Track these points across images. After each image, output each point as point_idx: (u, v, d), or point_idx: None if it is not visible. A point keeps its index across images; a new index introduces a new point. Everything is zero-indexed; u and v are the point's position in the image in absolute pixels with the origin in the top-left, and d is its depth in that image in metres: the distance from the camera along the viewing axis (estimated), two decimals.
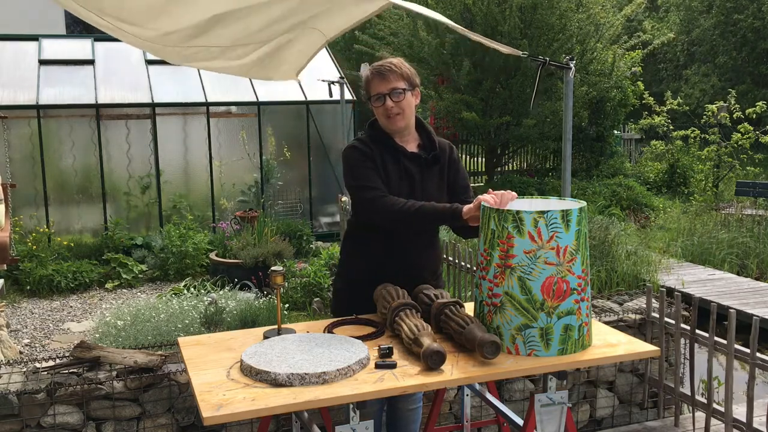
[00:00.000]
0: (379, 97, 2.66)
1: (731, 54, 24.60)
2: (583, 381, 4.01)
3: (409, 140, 2.78)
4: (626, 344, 2.37)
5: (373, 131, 2.77)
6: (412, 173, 2.72)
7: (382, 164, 2.70)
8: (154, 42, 3.36)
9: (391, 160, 2.71)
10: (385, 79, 2.64)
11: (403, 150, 2.73)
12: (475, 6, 11.87)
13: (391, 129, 2.72)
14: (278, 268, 2.52)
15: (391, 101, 2.65)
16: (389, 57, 2.75)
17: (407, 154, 2.73)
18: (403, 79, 2.66)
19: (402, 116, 2.69)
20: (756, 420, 3.48)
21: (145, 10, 2.88)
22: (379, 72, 2.65)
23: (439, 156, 2.77)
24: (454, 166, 2.83)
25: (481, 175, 15.23)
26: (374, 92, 2.67)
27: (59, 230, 8.53)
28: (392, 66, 2.66)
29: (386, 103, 2.65)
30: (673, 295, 4.06)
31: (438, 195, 2.76)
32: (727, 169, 13.31)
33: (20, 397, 3.10)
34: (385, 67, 2.65)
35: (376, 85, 2.66)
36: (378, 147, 2.72)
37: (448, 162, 2.82)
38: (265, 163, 9.35)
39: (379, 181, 2.65)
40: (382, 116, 2.71)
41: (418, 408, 3.04)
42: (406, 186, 2.71)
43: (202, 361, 2.24)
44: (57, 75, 9.11)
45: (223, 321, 5.08)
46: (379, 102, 2.67)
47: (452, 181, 2.82)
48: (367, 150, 2.71)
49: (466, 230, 2.66)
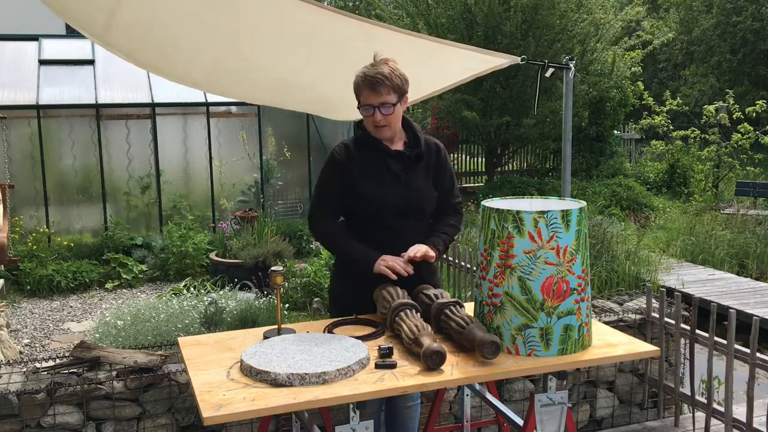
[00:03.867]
0: (368, 108, 2.66)
1: (730, 55, 24.59)
2: (583, 381, 4.01)
3: (395, 140, 2.79)
4: (626, 344, 2.37)
5: (360, 132, 2.80)
6: (397, 172, 2.73)
7: (363, 166, 2.72)
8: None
9: (374, 160, 2.73)
10: (375, 91, 2.61)
11: (386, 149, 2.75)
12: (476, 6, 11.87)
13: (377, 137, 2.74)
14: (278, 268, 2.52)
15: (380, 114, 2.65)
16: (382, 56, 2.70)
17: (391, 153, 2.75)
18: (393, 91, 2.63)
19: (389, 128, 2.71)
20: (756, 420, 3.48)
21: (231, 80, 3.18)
22: (371, 83, 2.60)
23: (423, 153, 2.78)
24: (441, 166, 2.83)
25: (481, 175, 15.22)
26: (364, 102, 2.66)
27: (59, 230, 8.53)
28: (383, 78, 2.60)
29: (375, 115, 2.65)
30: (673, 295, 4.07)
31: (426, 192, 2.77)
32: (727, 169, 13.31)
33: (20, 397, 3.10)
34: (377, 79, 2.59)
35: (366, 96, 2.64)
36: (361, 149, 2.75)
37: (435, 161, 2.82)
38: (265, 163, 9.35)
39: (333, 200, 2.76)
40: (369, 125, 2.72)
41: (416, 405, 3.03)
42: (392, 185, 2.72)
43: (202, 361, 2.24)
44: (57, 75, 9.10)
45: (223, 321, 5.08)
46: (368, 113, 2.66)
47: (438, 181, 2.83)
48: (343, 159, 2.74)
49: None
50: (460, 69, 4.07)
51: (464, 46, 3.87)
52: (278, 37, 3.49)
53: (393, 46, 3.57)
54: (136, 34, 3.42)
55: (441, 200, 2.83)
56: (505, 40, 11.63)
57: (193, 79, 4.04)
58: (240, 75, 3.95)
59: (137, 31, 3.38)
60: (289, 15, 3.30)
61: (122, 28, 3.32)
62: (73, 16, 3.26)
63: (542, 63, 4.28)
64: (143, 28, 3.35)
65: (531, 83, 11.89)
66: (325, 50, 3.60)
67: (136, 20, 3.26)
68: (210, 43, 3.54)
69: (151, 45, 3.56)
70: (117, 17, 3.16)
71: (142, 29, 3.37)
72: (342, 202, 2.76)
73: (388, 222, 2.70)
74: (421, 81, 4.09)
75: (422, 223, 2.80)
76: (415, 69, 3.85)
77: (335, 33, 3.46)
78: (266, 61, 3.77)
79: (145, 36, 3.45)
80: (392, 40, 3.57)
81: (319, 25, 3.38)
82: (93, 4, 3.11)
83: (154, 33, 3.42)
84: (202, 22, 3.32)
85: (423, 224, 2.80)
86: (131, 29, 3.36)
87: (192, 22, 3.31)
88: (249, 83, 4.09)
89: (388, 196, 2.70)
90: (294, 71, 3.86)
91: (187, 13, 3.23)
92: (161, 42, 3.54)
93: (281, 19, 3.34)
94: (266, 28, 3.42)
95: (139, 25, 3.32)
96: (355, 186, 2.72)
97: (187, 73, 3.93)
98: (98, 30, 3.33)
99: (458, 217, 2.92)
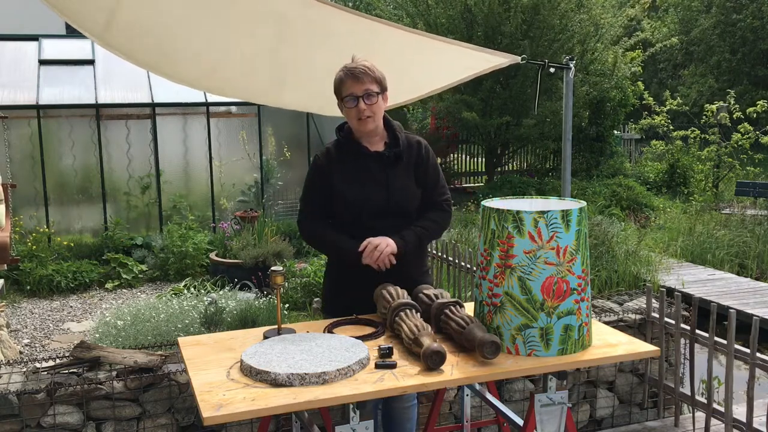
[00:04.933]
0: (352, 98, 2.66)
1: (729, 55, 24.59)
2: (583, 381, 4.01)
3: (376, 140, 2.80)
4: (626, 344, 2.37)
5: (341, 134, 2.82)
6: (377, 173, 2.74)
7: (344, 169, 2.74)
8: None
9: (354, 163, 2.75)
10: (359, 81, 2.64)
11: (366, 151, 2.76)
12: (477, 6, 11.87)
13: (361, 131, 2.75)
14: (278, 268, 2.52)
15: (364, 104, 2.66)
16: (360, 58, 2.73)
17: (370, 155, 2.76)
18: (376, 82, 2.67)
19: (373, 119, 2.71)
20: (756, 420, 3.48)
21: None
22: (353, 74, 2.64)
23: (402, 153, 2.78)
24: (423, 164, 2.83)
25: (481, 175, 15.22)
26: (347, 93, 2.67)
27: (59, 230, 8.53)
28: (366, 69, 2.65)
29: (359, 105, 2.66)
30: (673, 295, 4.07)
31: (408, 192, 2.78)
32: (727, 169, 13.31)
33: (20, 397, 3.10)
34: (359, 69, 2.64)
35: (350, 86, 2.66)
36: (342, 152, 2.77)
37: (416, 158, 2.82)
38: (265, 163, 9.35)
39: (317, 201, 2.82)
40: (353, 118, 2.72)
41: (413, 406, 3.03)
42: (373, 187, 2.73)
43: (202, 361, 2.24)
44: (57, 75, 9.10)
45: (223, 321, 5.08)
46: (352, 103, 2.67)
47: (422, 178, 2.83)
48: (324, 163, 2.78)
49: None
50: (461, 68, 4.07)
51: (465, 45, 3.87)
52: (279, 35, 3.49)
53: (395, 43, 3.59)
54: (136, 33, 3.42)
55: (425, 197, 2.84)
56: (505, 41, 11.63)
57: (194, 78, 4.04)
58: (240, 74, 3.95)
59: (137, 30, 3.39)
60: (289, 11, 3.30)
61: (122, 28, 3.32)
62: (74, 16, 3.26)
63: (542, 63, 4.28)
64: (143, 27, 3.36)
65: (531, 83, 11.89)
66: (325, 47, 3.60)
67: (136, 20, 3.26)
68: (210, 43, 3.54)
69: (151, 44, 3.57)
70: (117, 16, 3.17)
71: (142, 29, 3.37)
72: (327, 204, 2.80)
73: (370, 223, 2.71)
74: (421, 79, 4.11)
75: (406, 223, 2.79)
76: (415, 67, 3.87)
77: (337, 29, 3.46)
78: (266, 60, 3.77)
79: (145, 35, 3.45)
80: (394, 38, 3.57)
81: (320, 21, 3.38)
82: (93, 3, 3.11)
83: (154, 32, 3.42)
84: (201, 22, 3.33)
85: (407, 223, 2.79)
86: (131, 29, 3.36)
87: (192, 21, 3.31)
88: (249, 82, 4.09)
89: (369, 198, 2.72)
90: (294, 68, 3.86)
91: (187, 12, 3.24)
92: (161, 41, 3.54)
93: (282, 17, 3.34)
94: (267, 27, 3.42)
95: (139, 24, 3.32)
96: (336, 189, 2.74)
97: (187, 73, 3.93)
98: (98, 29, 3.33)
99: (441, 214, 2.88)
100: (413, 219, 2.82)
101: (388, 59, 2.85)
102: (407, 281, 2.71)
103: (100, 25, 3.27)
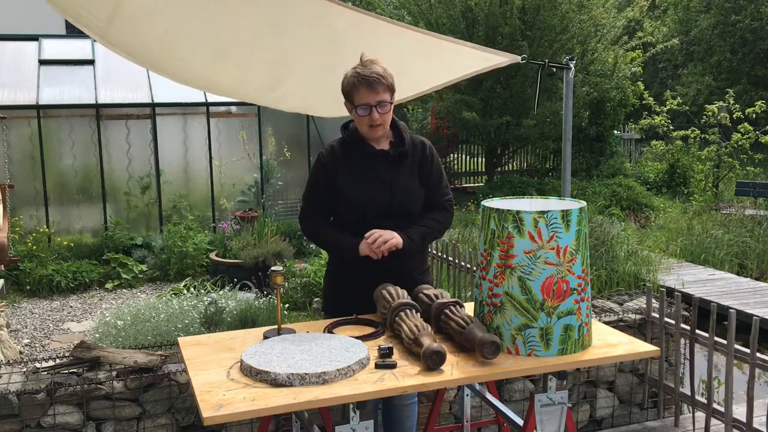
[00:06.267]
0: (365, 108, 2.66)
1: (729, 55, 24.58)
2: (583, 381, 4.01)
3: (381, 140, 2.80)
4: (626, 344, 2.37)
5: (346, 132, 2.81)
6: (382, 172, 2.75)
7: (348, 168, 2.74)
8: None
9: (360, 161, 2.75)
10: (373, 90, 2.63)
11: (371, 150, 2.76)
12: (477, 7, 11.87)
13: (371, 137, 2.75)
14: (278, 268, 2.52)
15: (378, 113, 2.66)
16: (369, 59, 2.70)
17: (376, 153, 2.76)
18: (389, 90, 2.67)
19: (383, 126, 2.72)
20: (756, 420, 3.48)
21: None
22: (368, 82, 2.62)
23: (407, 152, 2.79)
24: (427, 164, 2.84)
25: (481, 175, 15.22)
26: (361, 102, 2.66)
27: (59, 230, 8.52)
28: (380, 77, 2.63)
29: (372, 114, 2.66)
30: (673, 295, 4.07)
31: (412, 192, 2.78)
32: (727, 169, 13.30)
33: (20, 397, 3.10)
34: (373, 78, 2.62)
35: (364, 95, 2.64)
36: (347, 150, 2.77)
37: (420, 158, 2.82)
38: (265, 163, 9.34)
39: (319, 199, 2.80)
40: (364, 125, 2.72)
41: (413, 404, 3.03)
42: (377, 186, 2.73)
43: (202, 361, 2.24)
44: (57, 75, 9.10)
45: (223, 321, 5.08)
46: (365, 112, 2.67)
47: (425, 179, 2.83)
48: (329, 161, 2.77)
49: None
50: (461, 66, 4.07)
51: (465, 43, 3.87)
52: (279, 34, 3.49)
53: (395, 42, 3.58)
54: (136, 32, 3.42)
55: (428, 198, 2.85)
56: (505, 41, 11.63)
57: (194, 78, 4.03)
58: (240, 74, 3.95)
59: (138, 29, 3.38)
60: (290, 8, 3.29)
61: (123, 26, 3.32)
62: (75, 14, 3.26)
63: (542, 63, 4.28)
64: (144, 25, 3.35)
65: (531, 83, 11.89)
66: (326, 45, 3.58)
67: (137, 18, 3.25)
68: (210, 42, 3.53)
69: (151, 43, 3.56)
70: (118, 14, 3.16)
71: (142, 27, 3.37)
72: (330, 202, 2.79)
73: (374, 222, 2.71)
74: (421, 77, 4.10)
75: (409, 223, 2.79)
76: (415, 65, 3.87)
77: (337, 26, 3.45)
78: (267, 60, 3.77)
79: (145, 34, 3.45)
80: (394, 36, 3.56)
81: (320, 17, 3.37)
82: (94, 2, 3.11)
83: (154, 31, 3.42)
84: (202, 20, 3.32)
85: (410, 223, 2.79)
86: (132, 27, 3.36)
87: (192, 19, 3.31)
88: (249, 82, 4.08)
89: (373, 197, 2.72)
90: (294, 67, 3.84)
91: (187, 11, 3.23)
92: (162, 40, 3.53)
93: (282, 15, 3.33)
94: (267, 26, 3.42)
95: (139, 22, 3.31)
96: (340, 188, 2.74)
97: (188, 72, 3.92)
98: (100, 26, 3.32)
99: (444, 214, 2.89)
100: (416, 219, 2.82)
101: (388, 56, 2.84)
102: (408, 280, 2.71)
103: (102, 21, 3.27)
